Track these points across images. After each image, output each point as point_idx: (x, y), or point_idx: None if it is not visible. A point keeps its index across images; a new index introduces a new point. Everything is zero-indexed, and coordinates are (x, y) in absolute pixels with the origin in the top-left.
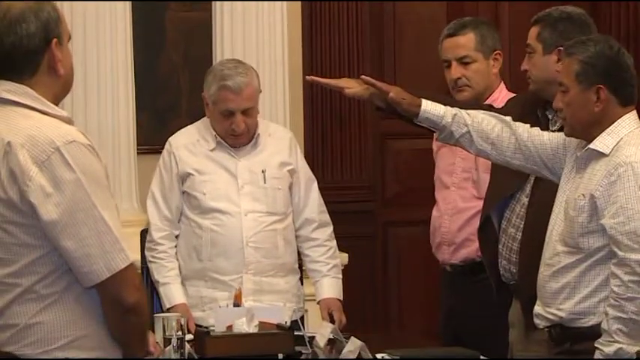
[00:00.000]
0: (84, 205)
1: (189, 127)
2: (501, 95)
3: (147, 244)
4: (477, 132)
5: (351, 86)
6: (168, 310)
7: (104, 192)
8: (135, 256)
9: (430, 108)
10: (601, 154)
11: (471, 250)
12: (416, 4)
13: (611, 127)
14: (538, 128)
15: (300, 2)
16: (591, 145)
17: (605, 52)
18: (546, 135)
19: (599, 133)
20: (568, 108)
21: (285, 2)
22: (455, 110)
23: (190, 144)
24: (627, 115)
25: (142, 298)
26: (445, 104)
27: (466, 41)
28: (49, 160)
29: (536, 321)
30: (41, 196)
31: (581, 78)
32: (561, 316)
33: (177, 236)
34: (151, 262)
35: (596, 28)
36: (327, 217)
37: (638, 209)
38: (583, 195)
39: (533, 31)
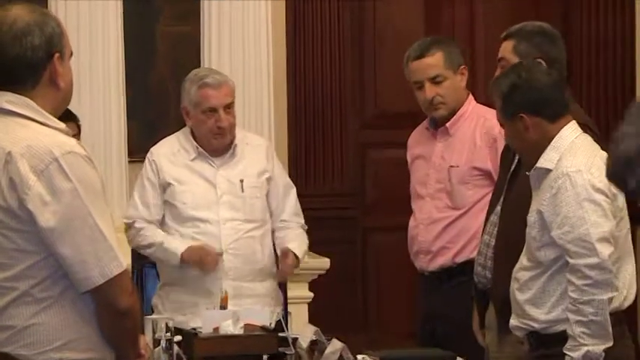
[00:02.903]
0: (80, 213)
1: (169, 137)
2: (470, 107)
3: (130, 236)
4: None
5: None
6: (182, 261)
7: (100, 201)
8: (128, 261)
9: None
10: (548, 170)
11: (447, 257)
12: (395, 16)
13: (552, 143)
14: None
15: (284, 18)
16: (537, 164)
17: (514, 82)
18: None
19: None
20: (510, 142)
21: (270, 17)
22: None
23: (171, 154)
24: (565, 128)
25: (134, 303)
26: None
27: (436, 61)
28: (47, 170)
29: (515, 332)
30: (39, 204)
31: (504, 113)
32: (534, 326)
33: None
34: (140, 243)
35: (563, 41)
36: (302, 221)
37: (580, 215)
38: (533, 211)
39: (508, 45)
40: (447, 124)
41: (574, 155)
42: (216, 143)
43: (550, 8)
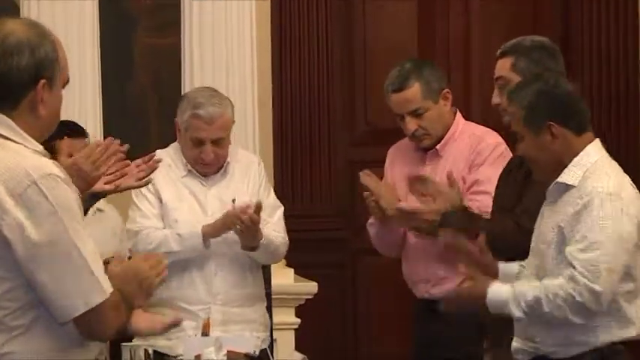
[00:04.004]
0: (60, 238)
1: (160, 150)
2: (459, 128)
3: (134, 244)
4: None
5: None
6: (206, 241)
7: (79, 224)
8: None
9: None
10: (569, 187)
11: (452, 285)
12: (386, 29)
13: (576, 159)
14: None
15: (269, 30)
16: (559, 179)
17: (542, 89)
18: None
19: (566, 167)
20: (529, 154)
21: (254, 29)
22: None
23: (163, 167)
24: (590, 146)
25: (119, 325)
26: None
27: (413, 94)
28: (25, 193)
29: (517, 356)
30: (16, 229)
31: (530, 122)
32: (542, 349)
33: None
34: (147, 247)
35: (563, 54)
36: (284, 236)
37: (599, 240)
38: (552, 227)
39: (505, 63)
40: (437, 147)
41: (603, 176)
42: (199, 170)
43: (549, 20)
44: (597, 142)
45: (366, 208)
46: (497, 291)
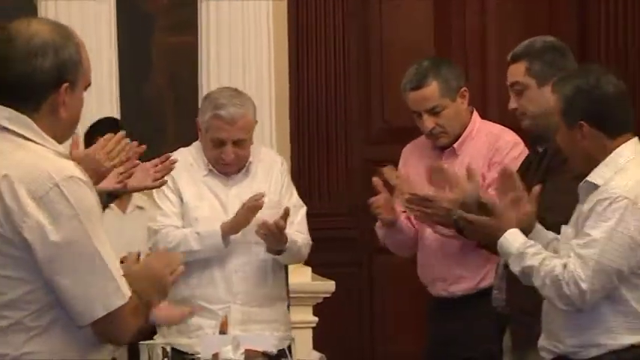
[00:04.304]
0: (81, 241)
1: (183, 149)
2: (476, 126)
3: (155, 243)
4: None
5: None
6: (225, 239)
7: (99, 227)
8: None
9: None
10: (596, 186)
11: (471, 284)
12: (403, 27)
13: (608, 159)
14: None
15: (286, 27)
16: (588, 178)
17: (582, 87)
18: None
19: (597, 165)
20: (563, 146)
21: (271, 28)
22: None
23: (188, 164)
24: (625, 145)
25: (136, 329)
26: None
27: (431, 92)
28: (47, 196)
29: (542, 353)
30: (38, 232)
31: (565, 116)
32: (563, 349)
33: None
34: (167, 246)
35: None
36: (307, 237)
37: (597, 239)
38: (573, 225)
39: (519, 68)
40: (455, 145)
41: (624, 177)
42: (220, 170)
43: (565, 17)
44: (634, 141)
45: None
46: (512, 239)
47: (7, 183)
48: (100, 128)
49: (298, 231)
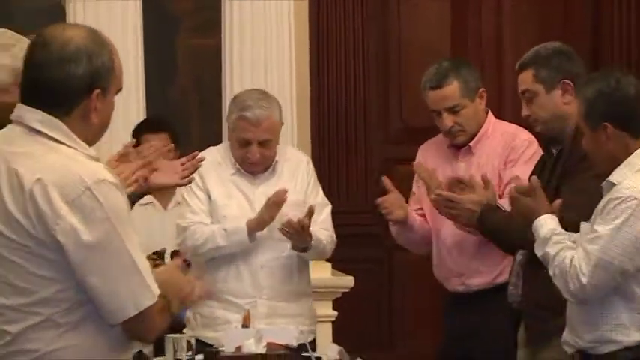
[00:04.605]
0: (113, 243)
1: (212, 148)
2: (490, 127)
3: (183, 239)
4: None
5: None
6: (250, 235)
7: (130, 228)
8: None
9: None
10: (613, 185)
11: (487, 279)
12: (420, 29)
13: (628, 159)
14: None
15: (308, 29)
16: (609, 178)
17: (603, 90)
18: None
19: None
20: (588, 149)
21: (293, 31)
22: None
23: (216, 163)
24: None
25: (163, 327)
26: None
27: (452, 92)
28: (79, 199)
29: (565, 347)
30: (71, 234)
31: (588, 119)
32: (582, 344)
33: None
34: (195, 242)
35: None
36: (331, 234)
37: (602, 235)
38: (590, 224)
39: (527, 76)
40: (471, 144)
41: (638, 177)
42: (246, 169)
43: (580, 18)
44: None
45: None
46: (544, 223)
47: (40, 186)
48: (145, 128)
49: (323, 228)
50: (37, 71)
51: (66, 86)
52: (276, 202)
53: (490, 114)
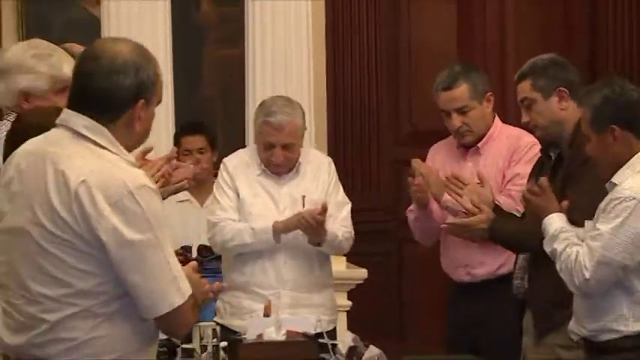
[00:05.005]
0: (151, 244)
1: (240, 150)
2: (497, 130)
3: (213, 234)
4: None
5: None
6: (276, 237)
7: (165, 232)
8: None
9: None
10: (615, 185)
11: (490, 269)
12: (429, 39)
13: (631, 160)
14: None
15: (324, 39)
16: (612, 178)
17: (609, 96)
18: None
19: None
20: (594, 154)
21: (311, 40)
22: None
23: (244, 165)
24: None
25: (193, 323)
26: None
27: (461, 93)
28: (121, 202)
29: (571, 335)
30: (112, 234)
31: (595, 125)
32: (586, 333)
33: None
34: (224, 237)
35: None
36: (349, 230)
37: (603, 232)
38: (593, 222)
39: (525, 85)
40: (479, 145)
41: (639, 179)
42: (271, 170)
43: (579, 32)
44: None
45: (411, 203)
46: (553, 221)
47: (85, 187)
48: (183, 130)
49: (343, 225)
50: (87, 80)
51: (113, 96)
52: (305, 218)
53: (497, 118)
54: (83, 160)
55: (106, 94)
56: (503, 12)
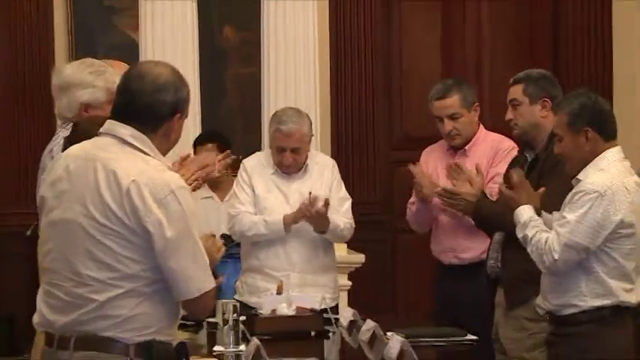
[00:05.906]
0: (189, 236)
1: (257, 153)
2: (482, 135)
3: (232, 225)
4: None
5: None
6: (286, 227)
7: (197, 227)
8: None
9: None
10: (579, 181)
11: (475, 254)
12: (418, 60)
13: (595, 160)
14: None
15: (329, 62)
16: (578, 175)
17: (586, 103)
18: None
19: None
20: (566, 152)
21: (317, 62)
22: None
23: (259, 165)
24: (611, 150)
25: (212, 307)
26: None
27: (453, 102)
28: (166, 199)
29: (537, 309)
30: (158, 226)
31: (572, 126)
32: (550, 307)
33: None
34: (242, 227)
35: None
36: (350, 221)
37: (569, 220)
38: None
39: (518, 89)
40: (466, 147)
41: (600, 174)
42: (284, 170)
43: (542, 53)
44: (619, 148)
45: (403, 198)
46: (524, 212)
47: (135, 186)
48: (198, 140)
49: (344, 217)
50: (132, 96)
51: (155, 110)
52: (306, 205)
53: (482, 126)
54: (131, 162)
55: (150, 109)
56: (481, 36)
